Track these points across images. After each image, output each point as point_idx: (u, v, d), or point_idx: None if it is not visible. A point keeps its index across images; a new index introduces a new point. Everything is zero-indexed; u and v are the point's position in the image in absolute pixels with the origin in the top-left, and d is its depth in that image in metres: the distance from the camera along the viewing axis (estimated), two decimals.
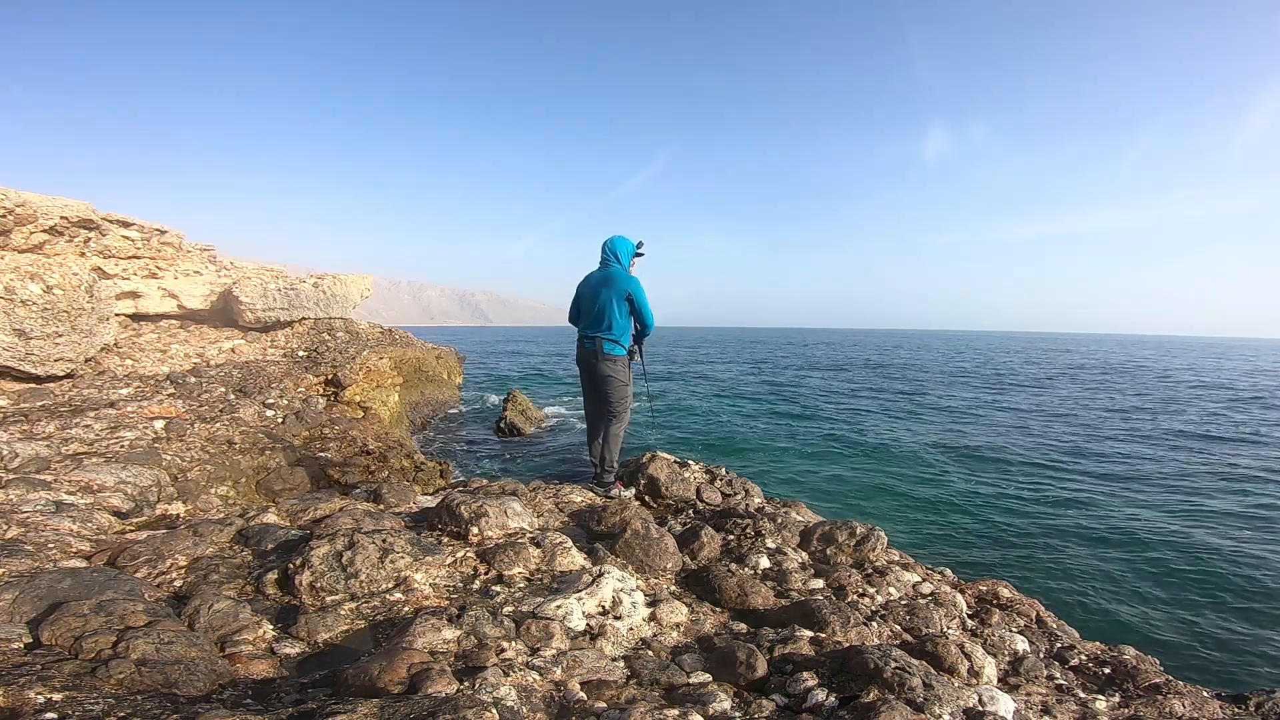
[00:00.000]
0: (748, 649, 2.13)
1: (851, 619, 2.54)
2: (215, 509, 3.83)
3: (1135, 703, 2.37)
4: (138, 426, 4.87)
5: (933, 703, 1.79)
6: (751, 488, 4.76)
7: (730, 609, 2.72)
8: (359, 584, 2.43)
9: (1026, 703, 2.21)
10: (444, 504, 3.20)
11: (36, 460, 3.83)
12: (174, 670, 1.72)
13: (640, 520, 3.24)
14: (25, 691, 1.47)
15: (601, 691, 1.87)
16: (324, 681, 1.80)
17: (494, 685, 1.69)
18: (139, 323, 8.32)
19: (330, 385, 7.92)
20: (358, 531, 2.74)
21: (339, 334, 10.04)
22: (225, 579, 2.52)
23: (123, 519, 3.37)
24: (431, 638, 1.98)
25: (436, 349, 13.70)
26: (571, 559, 2.82)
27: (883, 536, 3.53)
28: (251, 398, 6.45)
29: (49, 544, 2.71)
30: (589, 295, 4.23)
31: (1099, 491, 9.40)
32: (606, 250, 4.24)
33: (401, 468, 5.88)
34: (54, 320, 5.58)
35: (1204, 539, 7.31)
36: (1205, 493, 9.39)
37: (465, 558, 2.78)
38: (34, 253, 6.57)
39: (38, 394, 5.31)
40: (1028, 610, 3.21)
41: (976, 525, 7.81)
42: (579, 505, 3.91)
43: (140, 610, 2.04)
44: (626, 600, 2.44)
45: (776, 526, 3.65)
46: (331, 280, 10.63)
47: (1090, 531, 7.55)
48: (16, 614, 1.99)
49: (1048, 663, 2.69)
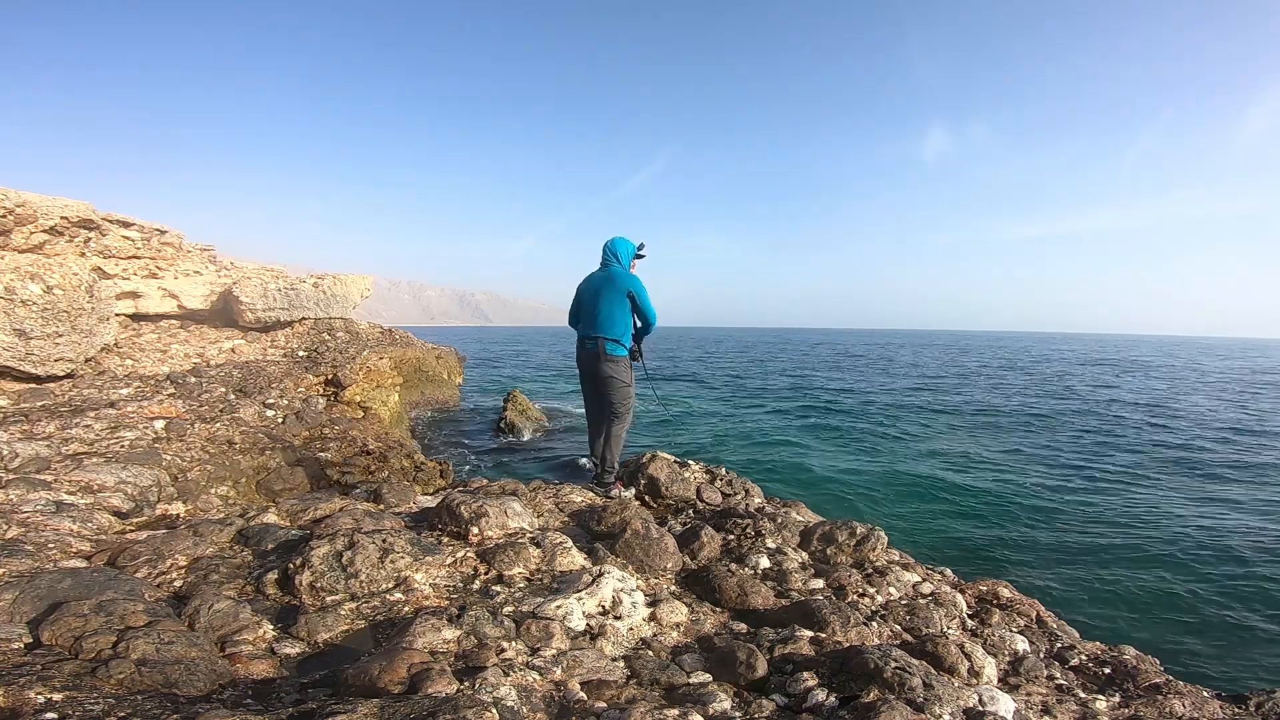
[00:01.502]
0: (748, 649, 2.13)
1: (851, 619, 2.54)
2: (215, 509, 3.83)
3: (1135, 703, 2.37)
4: (138, 426, 4.87)
5: (933, 703, 1.79)
6: (751, 488, 4.76)
7: (730, 609, 2.72)
8: (359, 584, 2.43)
9: (1027, 703, 2.21)
10: (444, 504, 3.20)
11: (37, 460, 3.83)
12: (174, 670, 1.72)
13: (640, 520, 3.24)
14: (25, 691, 1.47)
15: (601, 691, 1.87)
16: (324, 681, 1.80)
17: (494, 685, 1.69)
18: (139, 323, 8.32)
19: (330, 385, 7.92)
20: (358, 531, 2.74)
21: (339, 334, 10.04)
22: (225, 579, 2.52)
23: (123, 519, 3.37)
24: (431, 638, 1.98)
25: (436, 349, 13.71)
26: (572, 559, 2.82)
27: (883, 536, 3.52)
28: (251, 398, 6.45)
29: (49, 544, 2.71)
30: (589, 296, 4.22)
31: (1099, 491, 9.40)
32: (607, 251, 4.23)
33: (401, 468, 5.88)
34: (54, 320, 5.58)
35: (1204, 539, 7.31)
36: (1206, 492, 9.39)
37: (465, 558, 2.78)
38: (34, 253, 6.57)
39: (38, 394, 5.32)
40: (1028, 610, 3.21)
41: (976, 525, 7.81)
42: (579, 505, 3.91)
43: (140, 610, 2.04)
44: (626, 600, 2.44)
45: (776, 526, 3.65)
46: (331, 280, 10.64)
47: (1090, 532, 7.55)
48: (16, 614, 1.99)
49: (1048, 663, 2.69)
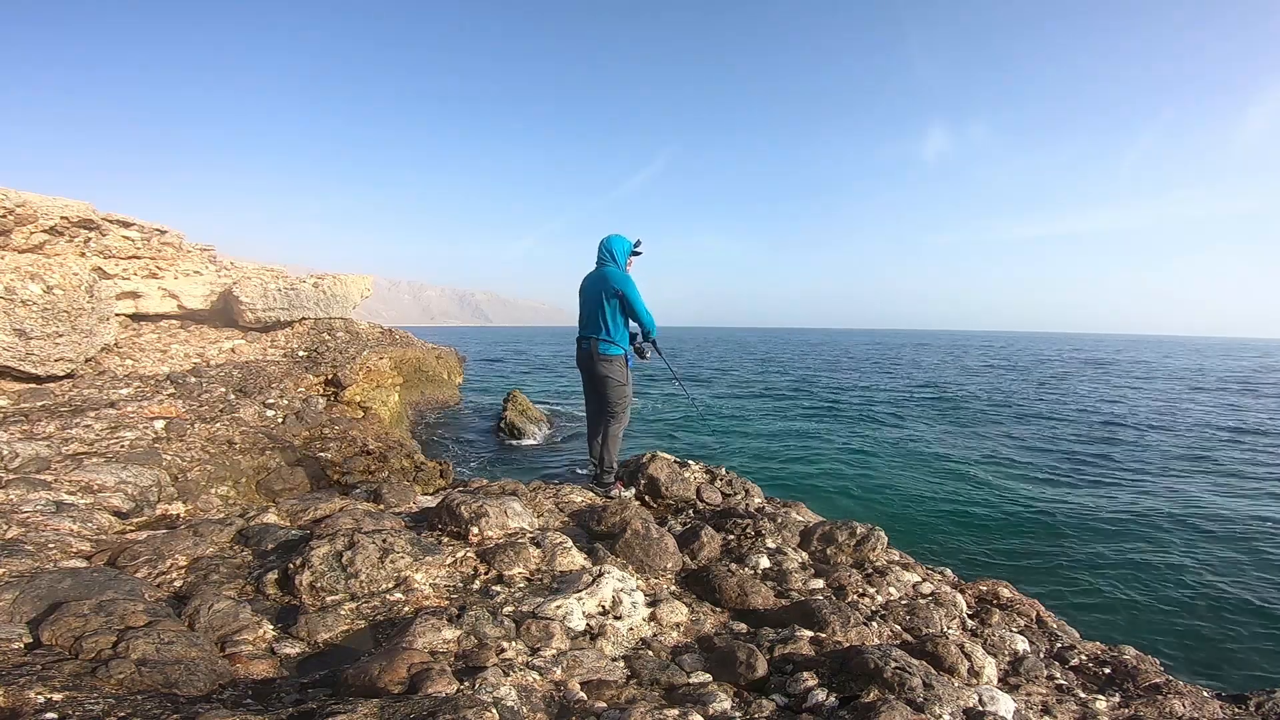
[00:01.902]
0: (748, 649, 2.13)
1: (851, 619, 2.54)
2: (215, 509, 3.83)
3: (1135, 703, 2.37)
4: (138, 426, 4.87)
5: (933, 703, 1.79)
6: (751, 488, 4.76)
7: (730, 609, 2.72)
8: (359, 584, 2.43)
9: (1027, 703, 2.21)
10: (444, 504, 3.20)
11: (37, 460, 3.83)
12: (174, 670, 1.72)
13: (640, 520, 3.24)
14: (25, 691, 1.47)
15: (601, 691, 1.87)
16: (324, 681, 1.80)
17: (494, 685, 1.69)
18: (139, 323, 8.32)
19: (330, 385, 7.92)
20: (358, 531, 2.74)
21: (339, 334, 10.04)
22: (225, 579, 2.52)
23: (123, 519, 3.37)
24: (431, 638, 1.98)
25: (436, 349, 13.71)
26: (571, 559, 2.82)
27: (883, 536, 3.52)
28: (251, 398, 6.45)
29: (49, 544, 2.71)
30: (584, 296, 4.22)
31: (1100, 491, 9.40)
32: (602, 249, 4.19)
33: (401, 468, 5.88)
34: (54, 320, 5.58)
35: (1205, 538, 7.31)
36: (1208, 492, 9.39)
37: (465, 558, 2.78)
38: (34, 253, 6.57)
39: (38, 394, 5.31)
40: (1028, 610, 3.21)
41: (977, 525, 7.81)
42: (579, 505, 3.91)
43: (140, 610, 2.04)
44: (626, 600, 2.44)
45: (776, 526, 3.64)
46: (331, 280, 10.63)
47: (1091, 532, 7.55)
48: (17, 614, 1.99)
49: (1048, 663, 2.69)
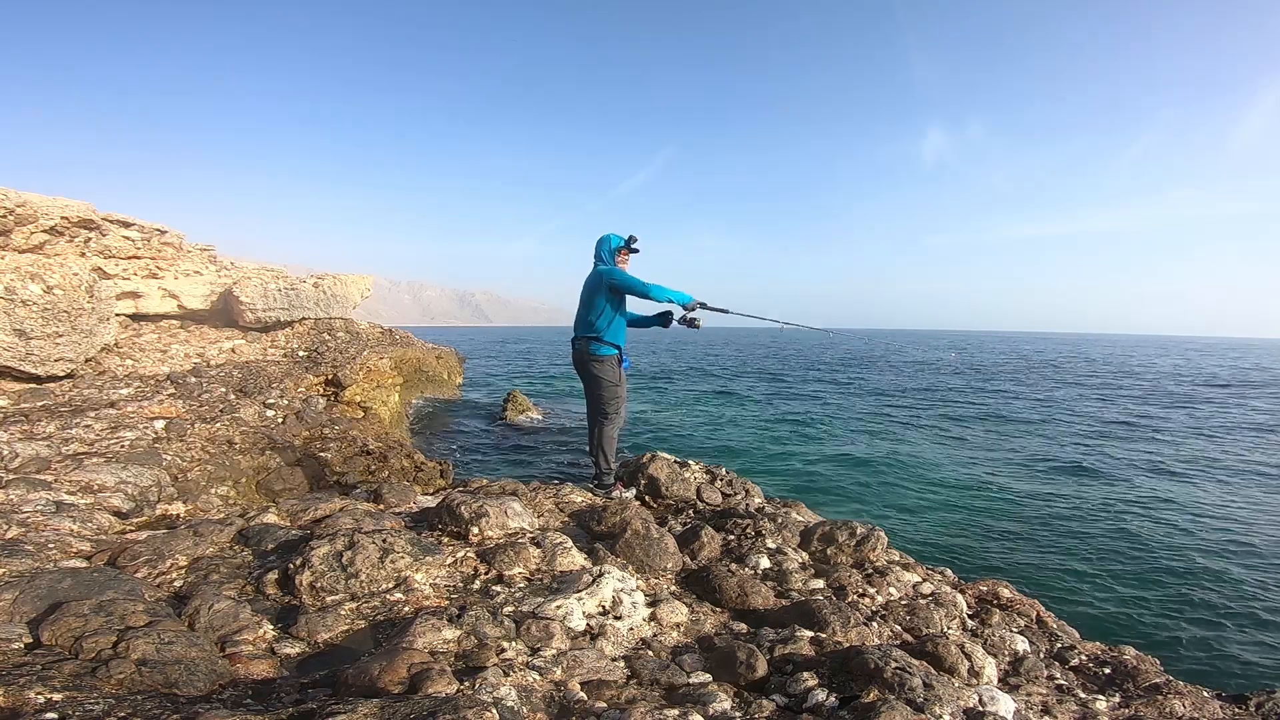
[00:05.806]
0: (748, 649, 2.13)
1: (852, 619, 2.54)
2: (215, 509, 3.83)
3: (1135, 703, 2.37)
4: (138, 426, 4.87)
5: (933, 703, 1.79)
6: (752, 488, 4.76)
7: (730, 609, 2.72)
8: (359, 584, 2.43)
9: (1027, 703, 2.21)
10: (444, 504, 3.20)
11: (37, 460, 3.83)
12: (174, 670, 1.72)
13: (640, 520, 3.24)
14: (25, 691, 1.47)
15: (601, 691, 1.87)
16: (324, 681, 1.80)
17: (494, 685, 1.69)
18: (139, 323, 8.32)
19: (330, 385, 7.92)
20: (358, 531, 2.74)
21: (339, 334, 10.04)
22: (225, 579, 2.52)
23: (123, 519, 3.37)
24: (431, 638, 1.98)
25: (436, 349, 13.72)
26: (572, 559, 2.82)
27: (883, 536, 3.52)
28: (252, 398, 6.45)
29: (49, 544, 2.71)
30: (580, 297, 4.27)
31: (1100, 491, 9.40)
32: (596, 248, 4.28)
33: (401, 468, 5.88)
34: (54, 320, 5.58)
35: (1205, 538, 7.31)
36: (1207, 492, 9.39)
37: (465, 558, 2.78)
38: (34, 253, 6.57)
39: (38, 394, 5.31)
40: (1028, 610, 3.21)
41: (977, 525, 7.81)
42: (579, 505, 3.91)
43: (140, 610, 2.04)
44: (627, 600, 2.44)
45: (777, 526, 3.65)
46: (331, 280, 10.63)
47: (1090, 532, 7.55)
48: (17, 614, 1.99)
49: (1048, 663, 2.70)
